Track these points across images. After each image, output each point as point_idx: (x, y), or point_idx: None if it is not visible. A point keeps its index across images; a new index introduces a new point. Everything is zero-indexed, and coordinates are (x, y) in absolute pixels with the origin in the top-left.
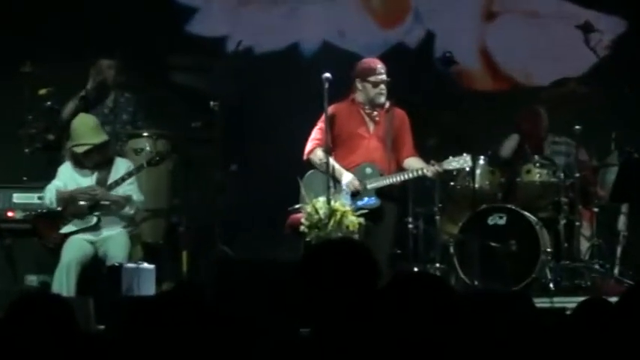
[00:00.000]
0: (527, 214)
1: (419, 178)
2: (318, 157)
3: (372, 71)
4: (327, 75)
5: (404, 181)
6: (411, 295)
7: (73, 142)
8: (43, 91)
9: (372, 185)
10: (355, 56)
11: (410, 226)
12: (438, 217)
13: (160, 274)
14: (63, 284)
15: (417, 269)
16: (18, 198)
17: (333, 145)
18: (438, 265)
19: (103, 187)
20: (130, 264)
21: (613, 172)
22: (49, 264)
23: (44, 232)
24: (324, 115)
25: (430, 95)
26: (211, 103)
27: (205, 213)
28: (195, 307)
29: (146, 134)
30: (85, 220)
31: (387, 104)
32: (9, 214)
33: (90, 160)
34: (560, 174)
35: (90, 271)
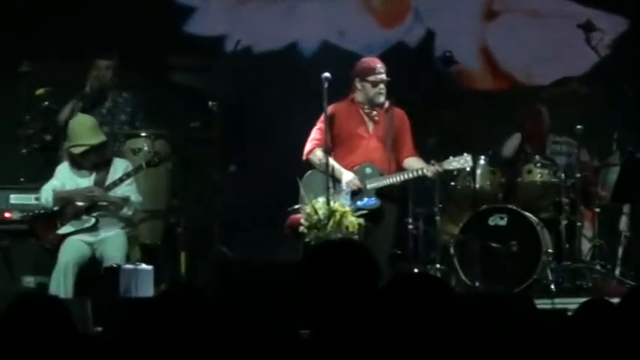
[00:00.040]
0: (528, 214)
1: (419, 178)
2: (317, 157)
3: (371, 71)
4: (327, 75)
5: (404, 182)
6: (411, 296)
7: (70, 143)
8: (40, 91)
9: (371, 185)
10: (355, 56)
11: (410, 227)
12: (438, 218)
13: (158, 275)
14: (60, 285)
15: (417, 270)
16: (15, 199)
17: (332, 145)
18: (438, 266)
19: (101, 188)
20: (128, 265)
21: (615, 172)
22: (46, 265)
23: (41, 232)
24: (323, 115)
25: (430, 95)
26: (210, 103)
27: (204, 213)
28: (193, 307)
29: (144, 134)
30: (83, 221)
31: (386, 104)
32: (6, 214)
33: (87, 161)
34: (562, 174)
35: (87, 273)
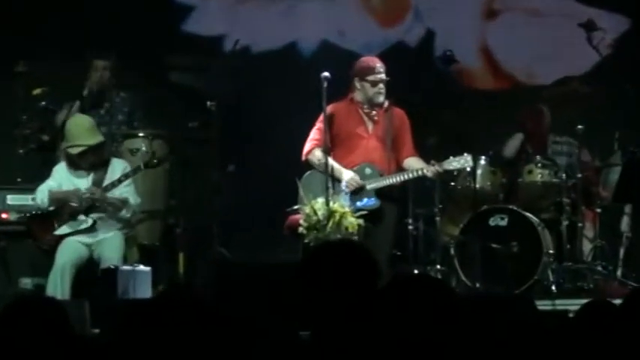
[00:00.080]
0: (529, 215)
1: (419, 178)
2: (316, 157)
3: (370, 70)
4: (326, 74)
5: (404, 182)
6: (411, 297)
7: (67, 143)
8: (37, 91)
9: (371, 186)
10: (354, 55)
11: (410, 228)
12: (438, 218)
13: (157, 276)
14: (57, 287)
15: (417, 271)
16: (12, 199)
17: (331, 145)
18: (438, 267)
19: (99, 189)
20: (126, 266)
21: (616, 173)
22: (43, 266)
23: (39, 233)
24: (322, 115)
25: (430, 94)
26: (208, 102)
27: (202, 214)
28: (192, 309)
29: (142, 134)
30: (80, 222)
31: (386, 104)
32: (3, 215)
33: (85, 162)
34: (562, 174)
35: (85, 274)
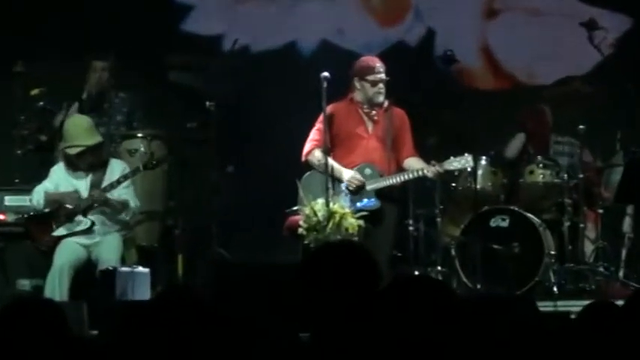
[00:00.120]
0: (530, 215)
1: (419, 178)
2: (316, 157)
3: (370, 70)
4: (326, 74)
5: (404, 182)
6: (411, 298)
7: (66, 144)
8: (35, 92)
9: (371, 186)
10: (354, 55)
11: (410, 228)
12: (439, 219)
13: (155, 277)
14: (55, 288)
15: (417, 272)
16: (10, 200)
17: (331, 146)
18: (439, 268)
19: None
20: (125, 268)
21: (618, 173)
22: (41, 268)
23: (36, 234)
24: (322, 115)
25: (431, 94)
26: (207, 103)
27: (201, 215)
28: (191, 310)
29: (140, 135)
30: (79, 223)
31: (385, 103)
32: (0, 216)
33: (83, 162)
34: (564, 175)
35: (83, 275)
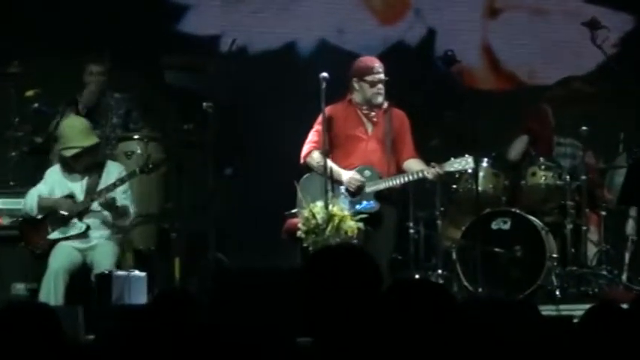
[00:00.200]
0: (532, 218)
1: (419, 180)
2: (315, 159)
3: (369, 70)
4: (325, 75)
5: (404, 184)
6: (411, 302)
7: (61, 146)
8: (30, 93)
9: (371, 188)
10: (354, 55)
11: (411, 231)
12: (439, 222)
13: (152, 281)
14: (50, 292)
15: (418, 276)
16: (4, 203)
17: (330, 148)
18: (439, 272)
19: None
20: (121, 272)
21: (621, 175)
22: (36, 272)
23: (31, 237)
24: (321, 117)
25: (431, 95)
26: (204, 104)
27: (198, 218)
28: (187, 314)
29: (137, 137)
30: (74, 227)
31: (385, 104)
32: None
33: (79, 164)
34: (566, 177)
35: (79, 279)
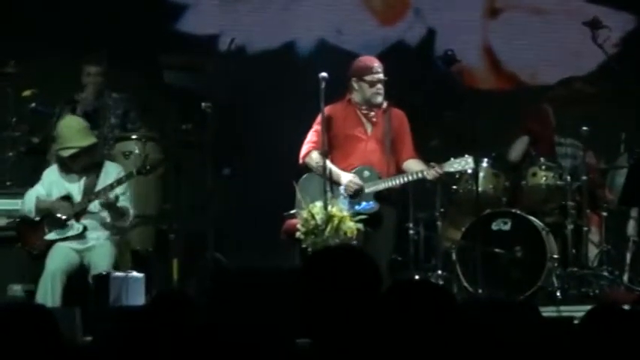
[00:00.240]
0: (532, 219)
1: (419, 181)
2: (314, 160)
3: (368, 70)
4: (324, 74)
5: (403, 185)
6: (411, 303)
7: (59, 146)
8: (27, 93)
9: (370, 189)
10: (353, 55)
11: (410, 232)
12: (439, 223)
13: (150, 282)
14: (48, 294)
15: (418, 277)
16: (1, 204)
17: (329, 148)
18: (439, 273)
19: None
20: (118, 273)
21: (622, 175)
22: (33, 273)
23: (28, 238)
24: (320, 117)
25: (431, 95)
26: (203, 104)
27: (197, 218)
28: (185, 315)
29: (135, 137)
30: (71, 228)
31: (384, 104)
32: None
33: (77, 164)
34: (567, 177)
35: (76, 281)
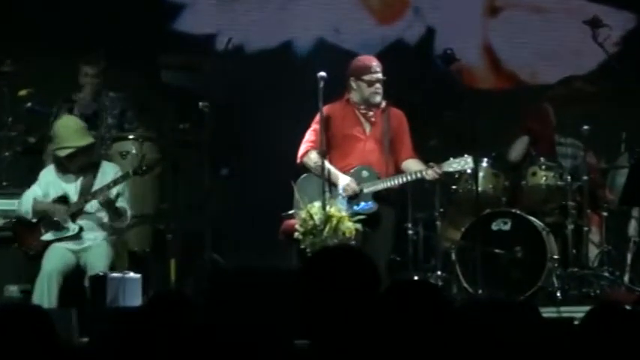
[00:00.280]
0: (532, 219)
1: (418, 181)
2: (312, 160)
3: (366, 69)
4: (322, 74)
5: (402, 185)
6: (409, 303)
7: (55, 146)
8: (23, 92)
9: (368, 189)
10: (352, 54)
11: (409, 232)
12: (438, 223)
13: (147, 283)
14: (44, 295)
15: (417, 278)
16: None
17: (327, 148)
18: (439, 273)
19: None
20: (115, 273)
21: (623, 175)
22: (29, 273)
23: (25, 239)
24: (318, 116)
25: (430, 94)
26: (200, 103)
27: (194, 218)
28: (183, 316)
29: (132, 137)
30: (67, 228)
31: (383, 104)
32: None
33: (74, 164)
34: (567, 177)
35: (72, 281)
